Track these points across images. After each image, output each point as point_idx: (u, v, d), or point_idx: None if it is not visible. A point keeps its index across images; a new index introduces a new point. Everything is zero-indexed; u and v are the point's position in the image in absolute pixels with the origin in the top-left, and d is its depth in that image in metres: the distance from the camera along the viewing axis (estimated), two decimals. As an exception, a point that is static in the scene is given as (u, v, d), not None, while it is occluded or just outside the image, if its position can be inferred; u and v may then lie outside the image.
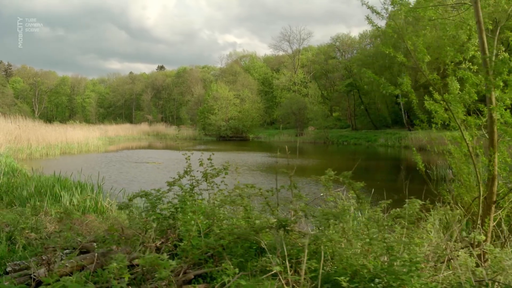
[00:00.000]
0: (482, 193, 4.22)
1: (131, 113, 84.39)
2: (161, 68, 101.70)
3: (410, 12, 4.69)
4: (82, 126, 39.20)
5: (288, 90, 62.59)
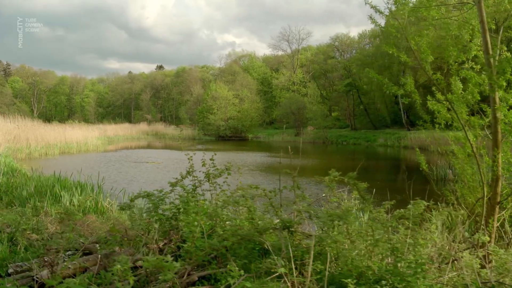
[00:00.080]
0: (486, 193, 4.20)
1: (130, 112, 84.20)
2: (160, 67, 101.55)
3: (413, 12, 4.68)
4: (81, 126, 39.12)
5: (287, 90, 62.51)
